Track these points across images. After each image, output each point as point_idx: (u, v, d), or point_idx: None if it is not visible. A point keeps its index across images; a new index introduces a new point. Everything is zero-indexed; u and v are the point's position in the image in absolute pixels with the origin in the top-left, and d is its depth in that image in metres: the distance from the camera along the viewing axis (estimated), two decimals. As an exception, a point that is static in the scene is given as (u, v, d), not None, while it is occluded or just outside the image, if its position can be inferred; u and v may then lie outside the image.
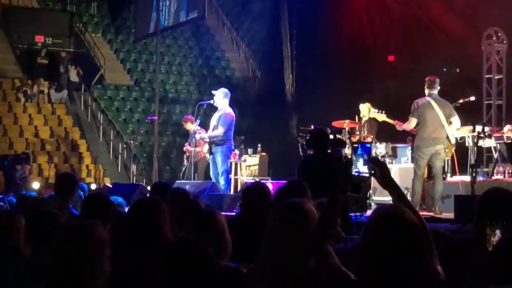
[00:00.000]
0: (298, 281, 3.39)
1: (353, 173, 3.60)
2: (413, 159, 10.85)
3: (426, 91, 10.62)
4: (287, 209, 3.62)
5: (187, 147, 14.47)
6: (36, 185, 17.88)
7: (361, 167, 3.14)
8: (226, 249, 4.04)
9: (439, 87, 10.62)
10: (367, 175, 3.58)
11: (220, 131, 12.31)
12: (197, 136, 13.06)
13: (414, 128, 10.66)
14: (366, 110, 13.09)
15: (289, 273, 3.40)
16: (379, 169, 3.57)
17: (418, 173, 10.48)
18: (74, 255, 3.33)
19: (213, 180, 12.42)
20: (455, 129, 10.73)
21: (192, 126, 14.07)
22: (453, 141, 10.72)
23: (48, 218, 4.59)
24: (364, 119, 13.25)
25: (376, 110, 11.74)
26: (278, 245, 3.48)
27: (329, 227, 3.64)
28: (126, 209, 6.09)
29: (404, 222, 3.03)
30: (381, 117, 11.64)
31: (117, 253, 3.65)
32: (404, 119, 10.81)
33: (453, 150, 10.96)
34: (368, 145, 3.41)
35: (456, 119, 10.59)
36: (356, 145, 3.29)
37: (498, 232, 3.69)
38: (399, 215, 3.06)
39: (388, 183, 3.58)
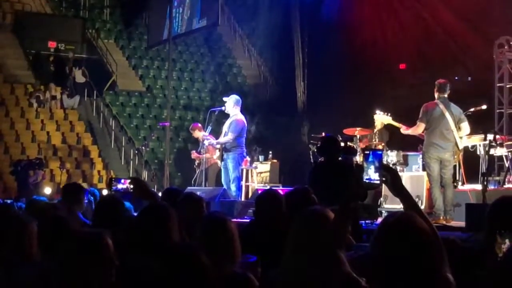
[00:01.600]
0: (318, 285, 3.41)
1: (364, 180, 3.60)
2: (425, 166, 10.74)
3: (436, 95, 10.48)
4: (312, 216, 3.64)
5: (195, 155, 14.47)
6: (47, 190, 17.94)
7: (372, 174, 3.14)
8: (235, 256, 4.05)
9: (449, 91, 10.54)
10: (378, 182, 3.58)
11: (229, 137, 12.35)
12: (206, 142, 13.09)
13: (422, 132, 10.60)
14: (380, 122, 13.06)
15: (313, 277, 3.43)
16: (391, 176, 3.57)
17: (434, 178, 10.37)
18: (80, 264, 3.34)
19: (225, 186, 12.45)
20: (464, 135, 10.63)
21: (200, 133, 14.13)
22: (460, 147, 10.52)
23: (59, 224, 4.59)
24: (375, 129, 13.24)
25: (382, 113, 11.64)
26: (303, 251, 3.51)
27: (341, 234, 3.66)
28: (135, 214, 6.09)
29: (415, 230, 3.03)
30: (387, 119, 11.54)
31: (125, 258, 3.65)
32: (410, 126, 10.74)
33: (460, 155, 10.85)
34: (380, 152, 3.39)
35: (465, 125, 10.46)
36: (368, 152, 3.27)
37: (507, 241, 3.68)
38: (411, 223, 3.07)
39: (399, 190, 3.59)
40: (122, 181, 5.42)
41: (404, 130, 10.84)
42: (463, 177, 11.74)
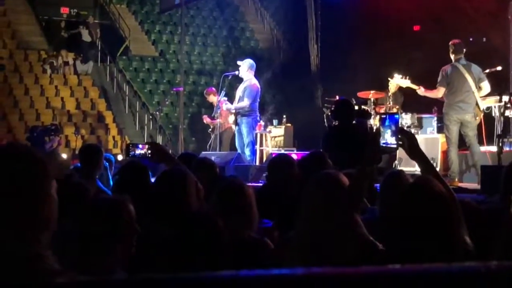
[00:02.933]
0: (334, 248, 3.44)
1: (381, 144, 3.61)
2: (445, 127, 10.70)
3: (452, 57, 10.42)
4: (325, 179, 3.66)
5: (207, 120, 14.46)
6: (63, 156, 18.01)
7: (388, 139, 3.13)
8: (252, 221, 4.08)
9: (464, 50, 10.47)
10: (395, 146, 3.58)
11: (245, 103, 12.34)
12: (224, 107, 13.05)
13: (443, 96, 10.55)
14: (394, 86, 12.99)
15: (329, 239, 3.46)
16: (408, 140, 3.58)
17: (451, 140, 10.34)
18: (99, 231, 3.29)
19: (239, 151, 12.47)
20: (485, 94, 10.59)
21: (215, 98, 14.11)
22: (482, 107, 10.51)
23: (77, 189, 4.56)
24: (390, 93, 13.19)
25: (400, 76, 11.56)
26: (317, 213, 3.53)
27: (357, 198, 3.68)
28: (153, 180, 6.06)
29: (432, 193, 3.04)
30: (405, 83, 11.47)
31: (143, 225, 3.64)
32: (429, 89, 10.69)
33: (481, 116, 10.82)
34: (397, 116, 3.37)
35: (485, 84, 10.41)
36: (384, 116, 3.26)
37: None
38: (428, 186, 3.08)
39: (416, 153, 3.59)
40: (140, 146, 5.35)
41: (422, 92, 10.78)
42: (483, 138, 11.70)
